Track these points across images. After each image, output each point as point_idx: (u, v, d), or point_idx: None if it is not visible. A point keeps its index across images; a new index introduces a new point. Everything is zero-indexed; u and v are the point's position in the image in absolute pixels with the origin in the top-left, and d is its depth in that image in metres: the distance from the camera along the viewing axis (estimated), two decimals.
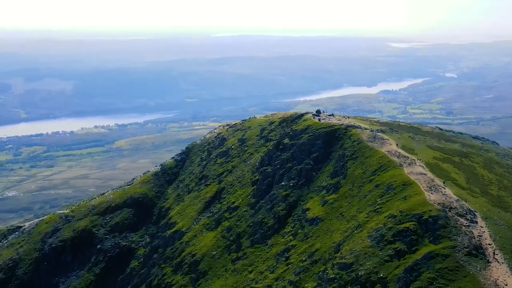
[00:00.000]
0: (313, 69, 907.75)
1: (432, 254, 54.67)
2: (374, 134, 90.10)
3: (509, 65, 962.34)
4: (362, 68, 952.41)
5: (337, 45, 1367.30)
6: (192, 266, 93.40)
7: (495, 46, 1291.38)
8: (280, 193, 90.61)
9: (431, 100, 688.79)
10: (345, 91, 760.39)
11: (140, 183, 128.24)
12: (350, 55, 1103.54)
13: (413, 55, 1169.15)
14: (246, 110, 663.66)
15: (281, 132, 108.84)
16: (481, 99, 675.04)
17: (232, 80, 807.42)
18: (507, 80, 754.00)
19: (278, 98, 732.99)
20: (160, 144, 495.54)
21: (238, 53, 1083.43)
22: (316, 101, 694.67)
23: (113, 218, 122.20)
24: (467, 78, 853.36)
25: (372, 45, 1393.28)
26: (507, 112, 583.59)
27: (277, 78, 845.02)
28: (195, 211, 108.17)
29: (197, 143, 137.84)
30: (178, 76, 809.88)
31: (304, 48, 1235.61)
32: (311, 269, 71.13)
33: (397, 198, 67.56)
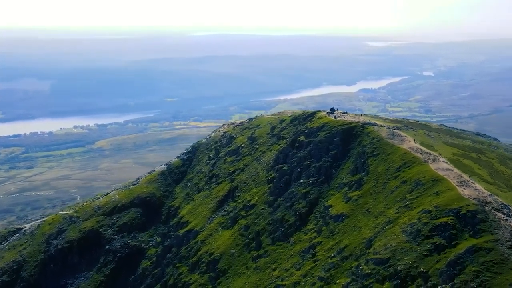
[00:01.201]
0: (293, 68, 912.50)
1: (475, 247, 55.61)
2: (392, 131, 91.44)
3: (484, 64, 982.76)
4: (341, 67, 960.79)
5: (316, 44, 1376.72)
6: (211, 265, 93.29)
7: (470, 45, 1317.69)
8: (300, 191, 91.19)
9: (409, 99, 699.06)
10: (325, 90, 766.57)
11: (146, 183, 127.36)
12: (329, 54, 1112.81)
13: (391, 54, 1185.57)
14: (227, 109, 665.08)
15: (294, 130, 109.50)
16: (458, 97, 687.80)
17: (212, 79, 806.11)
18: (484, 79, 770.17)
19: (259, 97, 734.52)
20: (142, 144, 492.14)
21: (219, 52, 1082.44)
22: (297, 100, 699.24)
23: (121, 218, 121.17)
24: (444, 76, 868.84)
25: (350, 44, 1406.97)
26: (484, 110, 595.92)
27: (258, 77, 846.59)
28: (208, 210, 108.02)
29: (203, 142, 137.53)
30: (158, 75, 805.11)
31: (284, 47, 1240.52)
32: (342, 265, 71.75)
33: (428, 194, 68.64)
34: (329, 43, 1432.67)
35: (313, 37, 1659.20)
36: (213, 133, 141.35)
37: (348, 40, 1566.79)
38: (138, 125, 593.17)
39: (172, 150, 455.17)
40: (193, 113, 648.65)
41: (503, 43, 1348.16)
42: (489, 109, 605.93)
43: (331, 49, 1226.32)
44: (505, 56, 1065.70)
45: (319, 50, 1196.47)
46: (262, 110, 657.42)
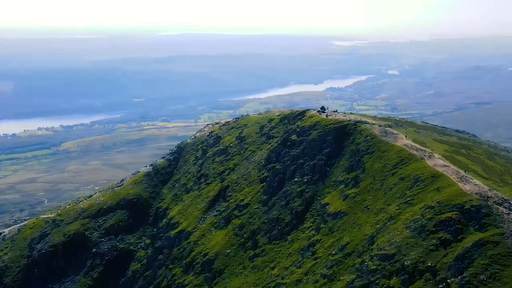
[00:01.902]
0: (261, 67, 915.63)
1: (482, 241, 57.06)
2: (384, 129, 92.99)
3: (446, 62, 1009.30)
4: (308, 66, 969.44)
5: (283, 44, 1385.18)
6: (206, 265, 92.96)
7: (432, 44, 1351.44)
8: (295, 189, 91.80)
9: (375, 97, 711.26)
10: (293, 89, 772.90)
11: (131, 184, 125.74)
12: (296, 53, 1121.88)
13: (356, 53, 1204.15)
14: (195, 109, 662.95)
15: (285, 129, 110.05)
16: (422, 95, 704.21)
17: (180, 79, 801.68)
18: (446, 77, 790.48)
19: (227, 97, 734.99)
20: (110, 145, 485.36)
21: (186, 52, 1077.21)
22: (265, 99, 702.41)
23: (107, 221, 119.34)
24: (408, 75, 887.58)
25: (317, 43, 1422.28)
26: (447, 108, 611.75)
27: (226, 76, 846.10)
28: (199, 210, 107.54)
29: (188, 142, 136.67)
30: (124, 75, 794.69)
31: (251, 47, 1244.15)
32: (344, 262, 72.56)
33: (428, 190, 70.11)
34: (296, 42, 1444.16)
35: (280, 37, 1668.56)
36: (198, 133, 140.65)
37: (315, 39, 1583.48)
38: (105, 126, 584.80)
39: (141, 151, 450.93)
40: (161, 113, 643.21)
41: (463, 42, 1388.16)
42: (452, 106, 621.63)
43: (298, 49, 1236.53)
44: (465, 55, 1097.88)
45: (286, 49, 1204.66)
46: (230, 109, 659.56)
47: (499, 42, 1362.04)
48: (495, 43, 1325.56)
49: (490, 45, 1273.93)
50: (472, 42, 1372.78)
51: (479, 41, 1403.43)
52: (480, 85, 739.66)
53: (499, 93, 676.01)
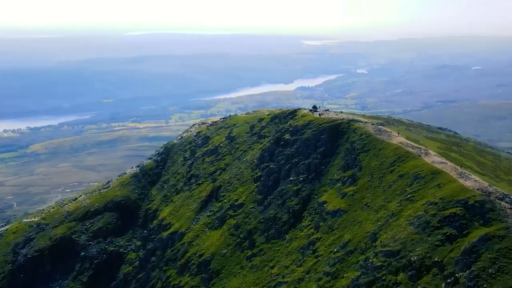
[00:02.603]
0: (231, 67, 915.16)
1: (488, 236, 58.36)
2: (378, 127, 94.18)
3: (414, 61, 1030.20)
4: (278, 65, 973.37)
5: (253, 43, 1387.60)
6: (202, 266, 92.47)
7: (400, 43, 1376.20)
8: (291, 188, 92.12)
9: (345, 96, 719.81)
10: (264, 89, 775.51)
11: (118, 186, 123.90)
12: (266, 52, 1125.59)
13: (326, 53, 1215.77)
14: (166, 110, 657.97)
15: (277, 129, 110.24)
16: (391, 94, 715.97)
17: (150, 79, 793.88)
18: (414, 75, 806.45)
19: (198, 97, 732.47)
20: (80, 147, 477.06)
21: (155, 52, 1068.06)
22: (236, 99, 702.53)
23: (95, 223, 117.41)
24: (377, 74, 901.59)
25: (286, 43, 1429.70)
26: (416, 106, 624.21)
27: (196, 76, 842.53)
28: (191, 211, 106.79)
29: (175, 142, 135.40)
30: (92, 76, 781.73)
31: (221, 46, 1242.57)
32: (347, 259, 73.18)
33: (429, 186, 71.36)
34: (266, 42, 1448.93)
35: (249, 36, 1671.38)
36: (184, 133, 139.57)
37: (285, 39, 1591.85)
38: (74, 128, 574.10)
39: (112, 152, 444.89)
40: (131, 114, 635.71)
41: (430, 42, 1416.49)
42: (420, 104, 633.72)
43: (268, 48, 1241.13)
44: (432, 54, 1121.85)
45: (256, 49, 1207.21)
46: (202, 109, 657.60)
47: (465, 41, 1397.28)
48: (461, 43, 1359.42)
49: (456, 45, 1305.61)
50: (438, 41, 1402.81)
51: (446, 40, 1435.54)
52: (447, 84, 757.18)
53: (464, 91, 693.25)
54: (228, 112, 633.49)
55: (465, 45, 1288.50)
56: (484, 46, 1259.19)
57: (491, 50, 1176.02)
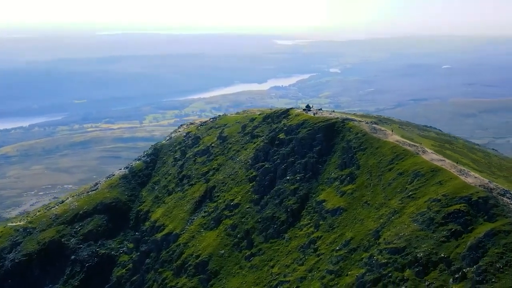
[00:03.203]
0: (204, 66, 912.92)
1: (494, 231, 59.59)
2: (372, 126, 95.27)
3: (385, 61, 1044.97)
4: (251, 65, 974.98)
5: (225, 43, 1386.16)
6: (200, 267, 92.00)
7: (371, 43, 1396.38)
8: (288, 187, 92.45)
9: (319, 95, 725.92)
10: (238, 88, 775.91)
11: (107, 188, 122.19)
12: (239, 52, 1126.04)
13: (299, 52, 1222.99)
14: (140, 110, 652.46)
15: (270, 128, 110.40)
16: (364, 93, 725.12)
17: (122, 80, 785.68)
18: (386, 74, 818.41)
19: (172, 97, 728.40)
20: (52, 149, 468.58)
21: (128, 52, 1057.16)
22: (210, 98, 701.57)
23: (84, 226, 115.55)
24: (350, 73, 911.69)
25: (259, 43, 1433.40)
26: (388, 104, 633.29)
27: (169, 76, 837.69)
28: (185, 212, 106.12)
29: (165, 143, 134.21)
30: (63, 76, 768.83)
31: (193, 46, 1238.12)
32: (350, 257, 73.77)
33: (430, 184, 72.51)
34: (238, 41, 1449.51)
35: (222, 36, 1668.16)
36: (173, 134, 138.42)
37: (257, 38, 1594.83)
38: (46, 129, 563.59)
39: (86, 153, 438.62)
40: (104, 114, 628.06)
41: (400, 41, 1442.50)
42: (393, 103, 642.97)
43: (241, 48, 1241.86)
44: (403, 53, 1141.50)
45: (228, 48, 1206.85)
46: (176, 110, 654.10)
47: (433, 41, 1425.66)
48: (430, 43, 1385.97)
49: (425, 44, 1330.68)
50: (408, 41, 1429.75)
51: (415, 40, 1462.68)
52: (418, 82, 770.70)
53: (435, 90, 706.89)
54: (203, 112, 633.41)
55: (433, 45, 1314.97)
56: (452, 46, 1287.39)
57: (459, 49, 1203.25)
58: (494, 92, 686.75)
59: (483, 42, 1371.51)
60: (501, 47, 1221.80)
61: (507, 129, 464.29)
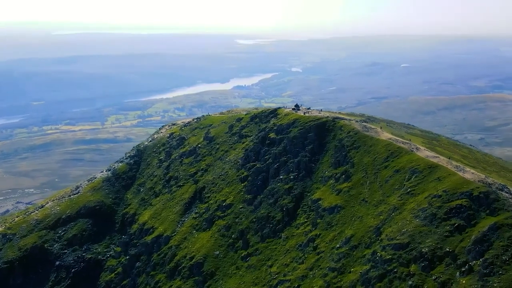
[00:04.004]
0: (166, 66, 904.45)
1: (497, 225, 61.41)
2: (363, 124, 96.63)
3: (346, 60, 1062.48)
4: (213, 64, 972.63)
5: (186, 42, 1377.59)
6: (195, 269, 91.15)
7: (331, 42, 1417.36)
8: (282, 187, 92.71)
9: (282, 94, 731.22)
10: (200, 88, 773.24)
11: (90, 191, 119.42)
12: (200, 52, 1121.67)
13: (260, 51, 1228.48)
14: (101, 111, 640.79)
15: (259, 128, 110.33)
16: (326, 91, 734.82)
17: (82, 80, 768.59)
18: (346, 73, 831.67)
19: (134, 97, 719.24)
20: (11, 152, 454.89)
21: (87, 52, 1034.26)
22: (173, 98, 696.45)
23: (68, 231, 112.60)
24: (311, 72, 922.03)
25: (220, 42, 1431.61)
26: (350, 102, 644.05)
27: (130, 76, 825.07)
28: (174, 214, 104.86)
29: (148, 144, 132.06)
30: (20, 77, 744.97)
31: (154, 46, 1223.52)
32: (352, 254, 74.59)
33: (429, 180, 74.09)
34: (198, 41, 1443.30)
35: (182, 35, 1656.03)
36: (155, 135, 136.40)
37: (218, 38, 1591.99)
38: (3, 132, 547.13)
39: (47, 156, 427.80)
40: (64, 116, 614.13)
41: (360, 40, 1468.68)
42: (354, 101, 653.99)
43: (202, 47, 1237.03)
44: (362, 52, 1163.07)
45: (189, 48, 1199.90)
46: (138, 110, 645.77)
47: (391, 40, 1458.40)
48: (388, 42, 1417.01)
49: (385, 43, 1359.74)
50: (367, 40, 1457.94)
51: (373, 39, 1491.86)
52: (378, 81, 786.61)
53: (395, 88, 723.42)
54: (166, 112, 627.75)
55: (392, 44, 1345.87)
56: (409, 45, 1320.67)
57: (415, 48, 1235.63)
58: (450, 90, 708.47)
59: (439, 42, 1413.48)
60: (455, 47, 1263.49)
61: (464, 125, 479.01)
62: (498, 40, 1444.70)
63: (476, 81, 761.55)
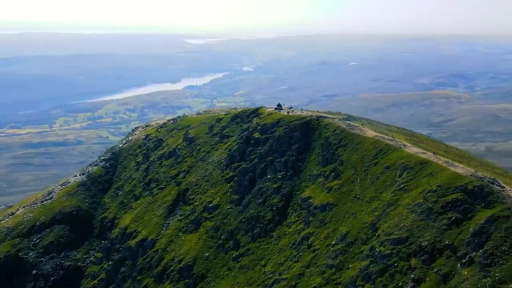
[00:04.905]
0: (114, 67, 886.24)
1: (494, 217, 63.80)
2: (347, 123, 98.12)
3: (295, 59, 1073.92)
4: (163, 64, 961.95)
5: (134, 42, 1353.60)
6: (184, 272, 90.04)
7: (281, 41, 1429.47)
8: (270, 186, 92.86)
9: (234, 93, 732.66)
10: (150, 89, 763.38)
11: (64, 196, 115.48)
12: (149, 52, 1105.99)
13: (210, 51, 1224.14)
14: (48, 114, 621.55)
15: (241, 128, 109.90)
16: (277, 90, 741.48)
17: (25, 82, 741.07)
18: (297, 72, 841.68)
19: (82, 99, 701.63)
20: None
21: (29, 52, 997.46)
22: (124, 100, 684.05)
23: (44, 238, 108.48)
24: (262, 71, 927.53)
25: (169, 42, 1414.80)
26: (302, 101, 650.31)
27: (77, 77, 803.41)
28: (158, 217, 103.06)
29: (123, 147, 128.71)
30: None
31: (101, 46, 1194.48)
32: (349, 250, 75.65)
33: (421, 176, 76.11)
34: (147, 41, 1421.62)
35: (130, 35, 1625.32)
36: (130, 137, 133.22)
37: (166, 37, 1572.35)
38: None
39: None
40: (8, 119, 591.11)
41: (308, 39, 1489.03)
42: (306, 99, 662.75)
43: (151, 47, 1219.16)
44: (312, 51, 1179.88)
45: (138, 48, 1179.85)
46: (88, 112, 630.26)
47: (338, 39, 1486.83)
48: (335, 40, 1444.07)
49: (333, 42, 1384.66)
50: (315, 39, 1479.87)
51: (322, 38, 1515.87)
52: (327, 79, 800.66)
53: (344, 86, 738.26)
54: (117, 113, 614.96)
55: (340, 43, 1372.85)
56: (357, 44, 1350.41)
57: (363, 47, 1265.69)
58: (398, 87, 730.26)
59: (385, 41, 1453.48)
60: (401, 46, 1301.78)
61: (412, 121, 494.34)
62: (439, 39, 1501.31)
63: (422, 78, 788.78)
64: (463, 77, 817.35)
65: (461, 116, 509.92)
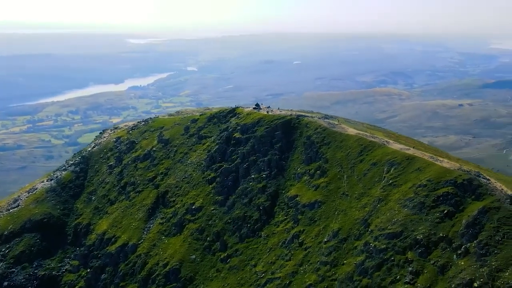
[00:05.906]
0: (53, 68, 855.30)
1: (485, 208, 66.71)
2: (327, 121, 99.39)
3: (240, 58, 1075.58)
4: (105, 65, 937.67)
5: (72, 42, 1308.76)
6: (171, 276, 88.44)
7: (225, 41, 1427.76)
8: (255, 186, 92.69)
9: (180, 93, 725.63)
10: (94, 90, 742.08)
11: (33, 203, 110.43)
12: (90, 52, 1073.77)
13: (154, 51, 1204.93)
14: None
15: (219, 128, 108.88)
16: (223, 89, 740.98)
17: None
18: (242, 71, 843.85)
19: (20, 101, 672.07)
20: None
21: None
22: (66, 101, 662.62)
23: (14, 248, 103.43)
24: (207, 71, 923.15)
25: (109, 42, 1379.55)
26: (248, 100, 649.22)
27: (14, 79, 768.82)
28: (137, 221, 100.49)
29: (93, 150, 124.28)
30: None
31: (39, 46, 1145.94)
32: (342, 247, 76.76)
33: (409, 171, 78.23)
34: (87, 41, 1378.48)
35: (68, 35, 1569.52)
36: (98, 140, 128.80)
37: (106, 37, 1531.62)
38: None
39: None
40: None
41: (251, 39, 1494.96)
42: (252, 99, 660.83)
43: (92, 47, 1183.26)
44: (255, 51, 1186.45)
45: (78, 48, 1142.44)
46: (28, 115, 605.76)
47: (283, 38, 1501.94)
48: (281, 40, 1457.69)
49: (276, 41, 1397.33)
50: (260, 38, 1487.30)
51: (265, 37, 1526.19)
52: (272, 78, 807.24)
53: (289, 85, 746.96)
54: (59, 116, 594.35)
55: (283, 42, 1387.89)
56: (299, 43, 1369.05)
57: (306, 46, 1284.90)
58: (341, 85, 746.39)
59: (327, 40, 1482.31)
60: (344, 44, 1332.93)
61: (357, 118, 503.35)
62: (380, 38, 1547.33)
63: (364, 76, 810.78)
64: (403, 74, 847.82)
65: (402, 113, 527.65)
